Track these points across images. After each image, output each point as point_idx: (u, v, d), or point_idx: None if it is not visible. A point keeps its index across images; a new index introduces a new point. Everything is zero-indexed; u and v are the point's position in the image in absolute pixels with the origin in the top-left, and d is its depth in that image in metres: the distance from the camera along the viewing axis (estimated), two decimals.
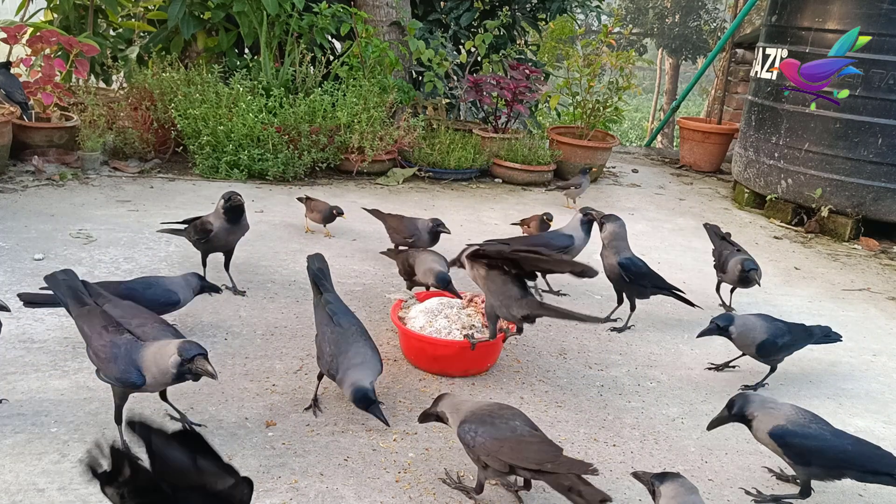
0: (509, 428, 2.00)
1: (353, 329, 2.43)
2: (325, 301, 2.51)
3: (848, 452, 2.13)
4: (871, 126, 4.89)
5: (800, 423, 2.16)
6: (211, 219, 3.19)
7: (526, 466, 1.92)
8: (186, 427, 2.20)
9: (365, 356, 2.35)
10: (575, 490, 1.86)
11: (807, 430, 2.15)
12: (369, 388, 2.25)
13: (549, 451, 1.94)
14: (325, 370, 2.40)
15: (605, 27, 6.84)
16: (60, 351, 2.66)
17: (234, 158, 5.06)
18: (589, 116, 6.29)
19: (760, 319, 2.85)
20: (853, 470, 2.14)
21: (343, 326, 2.42)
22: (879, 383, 3.06)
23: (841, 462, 2.13)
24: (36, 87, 4.97)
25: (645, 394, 2.80)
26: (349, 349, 2.35)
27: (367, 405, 2.23)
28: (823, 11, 5.01)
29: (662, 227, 5.08)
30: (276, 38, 5.76)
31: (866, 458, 2.14)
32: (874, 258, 4.82)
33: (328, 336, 2.40)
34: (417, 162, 5.65)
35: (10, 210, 4.07)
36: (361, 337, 2.42)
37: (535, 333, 3.20)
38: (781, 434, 2.14)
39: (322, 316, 2.49)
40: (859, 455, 2.14)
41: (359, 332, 2.44)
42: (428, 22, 6.84)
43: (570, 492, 1.87)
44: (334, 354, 2.35)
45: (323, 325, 2.46)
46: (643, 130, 18.58)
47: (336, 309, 2.49)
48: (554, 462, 1.89)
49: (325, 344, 2.39)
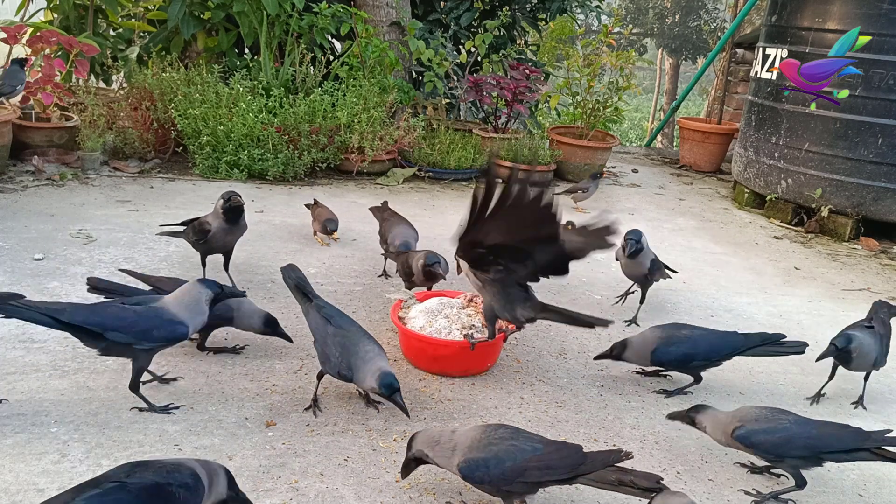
0: (517, 449, 1.91)
1: (353, 329, 2.43)
2: (318, 306, 2.49)
3: (815, 437, 2.17)
4: (871, 126, 4.89)
5: (759, 420, 2.20)
6: (209, 219, 3.18)
7: (558, 479, 1.88)
8: None
9: (374, 351, 2.35)
10: (624, 482, 1.83)
11: (768, 425, 2.18)
12: (394, 375, 2.25)
13: (572, 453, 1.90)
14: (334, 373, 2.38)
15: (605, 27, 6.84)
16: (60, 351, 2.66)
17: (234, 158, 5.06)
18: (589, 116, 6.29)
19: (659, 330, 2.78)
20: (828, 453, 2.17)
21: (344, 328, 2.42)
22: (879, 383, 3.06)
23: (812, 448, 2.16)
24: (36, 87, 4.97)
25: (645, 394, 2.80)
26: (358, 348, 2.35)
27: (392, 392, 2.22)
28: (823, 11, 5.01)
29: (662, 227, 5.08)
30: (276, 38, 5.76)
31: (835, 438, 2.18)
32: (874, 258, 4.82)
33: (331, 339, 2.39)
34: (417, 162, 5.65)
35: (10, 210, 4.07)
36: (365, 336, 2.42)
37: (535, 333, 3.20)
38: (746, 435, 2.18)
39: (317, 321, 2.46)
40: (827, 437, 2.18)
41: (360, 331, 2.44)
42: (428, 22, 6.84)
43: (620, 485, 1.84)
44: (343, 356, 2.34)
45: (320, 329, 2.44)
46: (643, 130, 18.58)
47: (332, 312, 2.48)
48: (585, 463, 1.86)
49: (330, 347, 2.38)
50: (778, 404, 2.81)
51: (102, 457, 2.11)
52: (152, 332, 2.20)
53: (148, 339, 2.20)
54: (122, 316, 2.19)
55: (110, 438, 2.20)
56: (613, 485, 1.87)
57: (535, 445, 1.93)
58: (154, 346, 2.26)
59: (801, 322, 3.64)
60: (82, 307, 2.20)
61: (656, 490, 1.83)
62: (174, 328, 2.24)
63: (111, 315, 2.19)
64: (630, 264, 3.35)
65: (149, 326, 2.20)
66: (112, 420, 2.29)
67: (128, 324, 2.18)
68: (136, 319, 2.19)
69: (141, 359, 2.28)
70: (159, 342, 2.25)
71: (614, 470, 1.88)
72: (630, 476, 1.87)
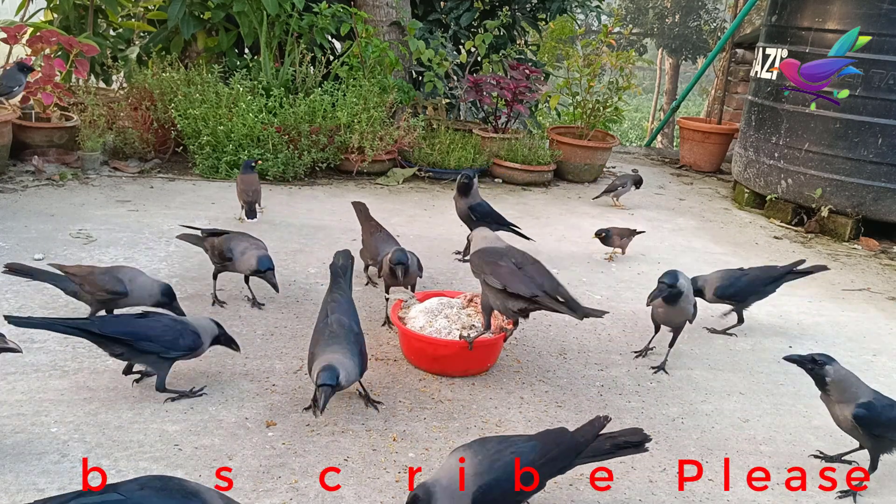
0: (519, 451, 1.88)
1: (342, 329, 2.37)
2: (329, 299, 2.53)
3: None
4: (871, 126, 4.89)
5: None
6: (234, 245, 3.12)
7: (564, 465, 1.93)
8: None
9: (337, 352, 2.26)
10: (619, 444, 1.92)
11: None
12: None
13: (562, 436, 1.92)
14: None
15: (605, 27, 6.83)
16: (60, 351, 2.66)
17: (234, 158, 5.06)
18: (589, 116, 6.29)
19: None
20: None
21: (330, 323, 2.39)
22: (879, 383, 3.06)
23: None
24: (36, 87, 4.97)
25: (645, 394, 2.80)
26: (326, 347, 2.29)
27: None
28: (823, 11, 5.01)
29: (662, 227, 5.08)
30: (276, 38, 5.76)
31: None
32: (874, 258, 4.82)
33: (315, 331, 2.41)
34: (417, 162, 5.65)
35: (10, 210, 4.07)
36: (346, 339, 2.33)
37: (535, 333, 3.20)
38: None
39: (321, 312, 2.50)
40: None
41: (346, 333, 2.36)
42: (428, 22, 6.84)
43: (618, 449, 1.93)
44: (311, 352, 2.33)
45: (318, 321, 2.47)
46: (643, 130, 18.58)
47: (337, 307, 2.48)
48: (580, 442, 1.91)
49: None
50: (778, 404, 2.82)
51: (102, 457, 2.11)
52: (178, 341, 2.38)
53: (174, 348, 2.38)
54: (153, 326, 2.36)
55: (110, 438, 2.20)
56: (612, 452, 1.93)
57: (527, 445, 1.88)
58: (179, 355, 2.41)
59: (801, 322, 3.65)
60: (110, 319, 2.40)
61: (647, 440, 1.96)
62: (196, 339, 2.43)
63: (142, 326, 2.35)
64: (669, 311, 2.87)
65: (175, 336, 2.37)
66: (112, 420, 2.29)
67: (157, 334, 2.35)
68: (164, 330, 2.37)
69: (164, 367, 2.41)
70: (183, 351, 2.40)
71: (604, 438, 1.94)
72: (621, 437, 1.95)
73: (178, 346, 2.38)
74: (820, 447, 2.53)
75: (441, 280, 3.70)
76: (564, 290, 2.51)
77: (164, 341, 2.35)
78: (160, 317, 2.43)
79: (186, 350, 2.41)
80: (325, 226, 4.34)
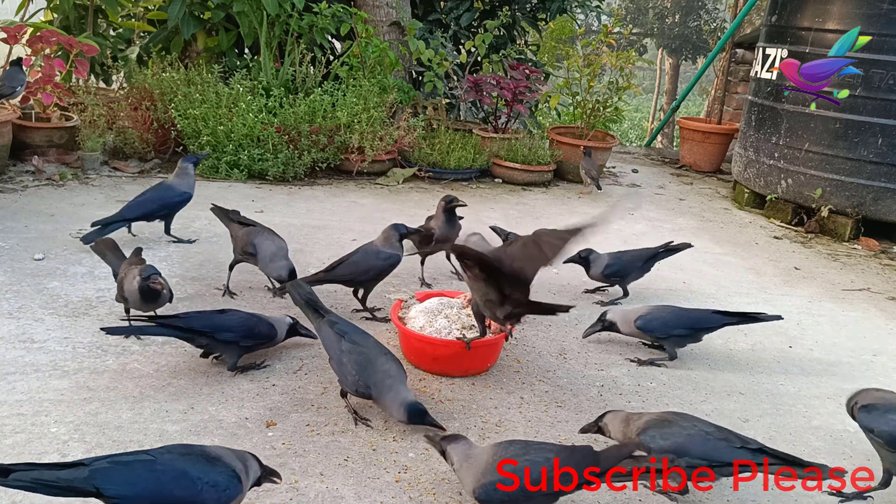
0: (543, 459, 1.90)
1: (369, 344, 2.41)
2: (331, 321, 2.47)
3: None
4: (871, 126, 4.89)
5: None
6: (260, 241, 3.22)
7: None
8: None
9: (392, 372, 2.34)
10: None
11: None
12: (418, 402, 2.27)
13: (586, 455, 1.91)
14: (353, 391, 2.38)
15: (605, 27, 6.84)
16: (60, 351, 2.66)
17: (234, 158, 5.06)
18: (589, 116, 6.30)
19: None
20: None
21: (359, 343, 2.40)
22: (879, 383, 3.06)
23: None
24: (36, 87, 4.97)
25: (645, 394, 2.80)
26: (376, 366, 2.33)
27: (423, 418, 2.26)
28: (823, 11, 5.01)
29: (662, 227, 5.08)
30: (276, 38, 5.76)
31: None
32: (874, 258, 4.82)
33: (346, 357, 2.37)
34: (417, 162, 5.65)
35: (10, 210, 4.07)
36: (381, 352, 2.40)
37: (535, 333, 3.20)
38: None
39: (330, 337, 2.44)
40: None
41: (376, 346, 2.43)
42: (428, 22, 6.85)
43: None
44: (361, 374, 2.32)
45: (334, 346, 2.42)
46: (643, 130, 18.59)
47: (345, 328, 2.46)
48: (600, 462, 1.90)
49: (346, 366, 2.36)
50: (778, 404, 2.82)
51: None
52: (253, 331, 2.65)
53: (250, 336, 2.64)
54: (232, 318, 2.65)
55: (110, 438, 2.20)
56: None
57: (548, 456, 1.90)
58: (254, 344, 2.67)
59: (801, 322, 3.65)
60: (194, 315, 2.63)
61: None
62: (270, 329, 2.71)
63: (221, 319, 2.63)
64: None
65: (251, 327, 2.65)
66: (112, 420, 2.29)
67: (234, 325, 2.62)
68: (240, 323, 2.64)
69: (237, 353, 2.65)
70: (258, 340, 2.67)
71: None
72: None
73: (253, 335, 2.64)
74: (820, 447, 2.54)
75: (441, 280, 3.70)
76: None
77: (241, 332, 2.61)
78: (236, 312, 2.70)
79: (261, 339, 2.67)
80: (325, 226, 4.34)
